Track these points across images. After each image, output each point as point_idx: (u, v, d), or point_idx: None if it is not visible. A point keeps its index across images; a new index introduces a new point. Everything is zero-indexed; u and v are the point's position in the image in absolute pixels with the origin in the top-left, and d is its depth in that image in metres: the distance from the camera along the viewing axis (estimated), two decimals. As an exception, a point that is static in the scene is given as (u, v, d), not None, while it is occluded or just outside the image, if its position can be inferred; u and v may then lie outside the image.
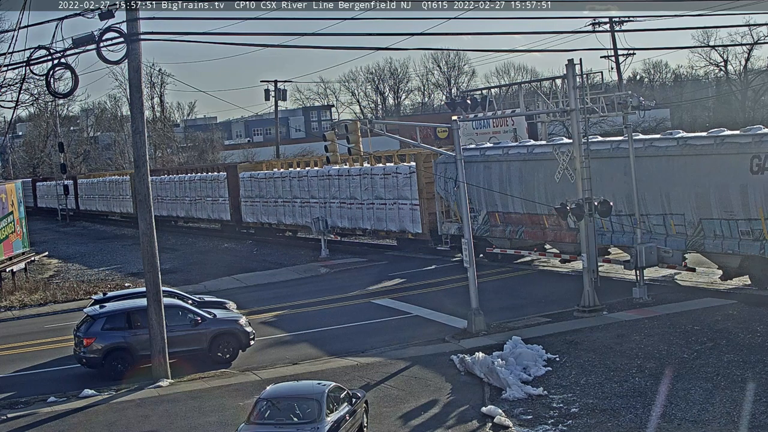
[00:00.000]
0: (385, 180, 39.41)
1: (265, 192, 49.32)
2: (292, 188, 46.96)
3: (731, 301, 24.61)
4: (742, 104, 75.40)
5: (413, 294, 30.63)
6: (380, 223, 40.40)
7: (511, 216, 33.34)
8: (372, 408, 17.53)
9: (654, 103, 48.04)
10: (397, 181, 38.86)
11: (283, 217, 48.27)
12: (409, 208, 38.27)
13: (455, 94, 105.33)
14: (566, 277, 31.02)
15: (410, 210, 38.21)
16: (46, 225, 77.70)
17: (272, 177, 48.93)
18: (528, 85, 47.61)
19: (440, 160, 35.84)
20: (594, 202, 24.48)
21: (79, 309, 28.67)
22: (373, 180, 40.24)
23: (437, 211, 36.94)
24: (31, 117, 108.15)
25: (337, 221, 43.03)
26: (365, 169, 41.10)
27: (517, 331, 23.21)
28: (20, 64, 21.94)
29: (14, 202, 40.58)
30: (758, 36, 71.26)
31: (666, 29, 71.67)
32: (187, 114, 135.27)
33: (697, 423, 15.79)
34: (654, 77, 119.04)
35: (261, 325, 26.93)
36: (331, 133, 26.77)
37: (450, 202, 35.99)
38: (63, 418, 18.93)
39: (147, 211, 21.82)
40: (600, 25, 56.52)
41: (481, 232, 34.54)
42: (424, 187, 37.55)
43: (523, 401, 17.89)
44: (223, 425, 17.56)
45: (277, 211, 48.52)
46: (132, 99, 21.91)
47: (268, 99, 70.28)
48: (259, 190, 49.99)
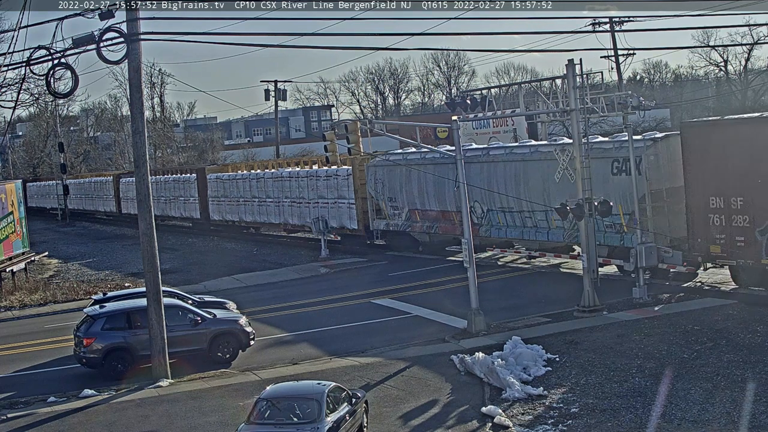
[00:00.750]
0: (327, 181, 43.17)
1: (229, 192, 52.94)
2: (251, 189, 50.46)
3: (731, 301, 24.62)
4: (742, 104, 75.34)
5: (413, 294, 30.63)
6: None
7: (428, 213, 37.30)
8: (372, 408, 17.53)
9: (654, 103, 47.99)
10: (337, 183, 42.58)
11: (245, 215, 51.81)
12: (347, 206, 41.93)
13: (455, 94, 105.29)
14: (566, 277, 31.02)
15: (348, 208, 41.89)
16: (45, 225, 77.72)
17: (235, 179, 52.64)
18: (528, 85, 47.59)
19: (371, 164, 40.00)
20: (594, 201, 24.48)
21: (79, 309, 28.66)
22: (318, 181, 44.01)
23: (369, 209, 40.66)
24: (31, 117, 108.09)
25: (289, 219, 47.02)
26: (311, 172, 45.30)
27: (517, 331, 23.21)
28: (20, 64, 21.96)
29: (14, 202, 40.58)
30: (758, 36, 71.29)
31: (666, 29, 71.71)
32: (187, 114, 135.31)
33: (697, 423, 15.79)
34: (654, 77, 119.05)
35: (261, 325, 26.92)
36: (330, 133, 26.75)
37: (379, 202, 40.02)
38: (63, 418, 18.93)
39: (147, 211, 21.82)
40: (600, 25, 56.50)
41: (404, 227, 39.02)
42: (359, 188, 41.18)
43: (523, 401, 17.89)
44: (223, 425, 17.57)
45: (239, 209, 52.08)
46: (132, 99, 21.91)
47: (268, 99, 70.32)
48: (224, 190, 53.56)
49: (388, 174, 39.30)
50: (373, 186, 40.27)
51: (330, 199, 43.05)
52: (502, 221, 33.63)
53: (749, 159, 24.42)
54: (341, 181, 42.24)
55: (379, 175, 39.65)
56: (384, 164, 39.29)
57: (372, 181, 40.26)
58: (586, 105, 28.25)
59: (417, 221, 38.11)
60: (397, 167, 38.33)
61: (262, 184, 49.34)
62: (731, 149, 24.99)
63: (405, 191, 38.25)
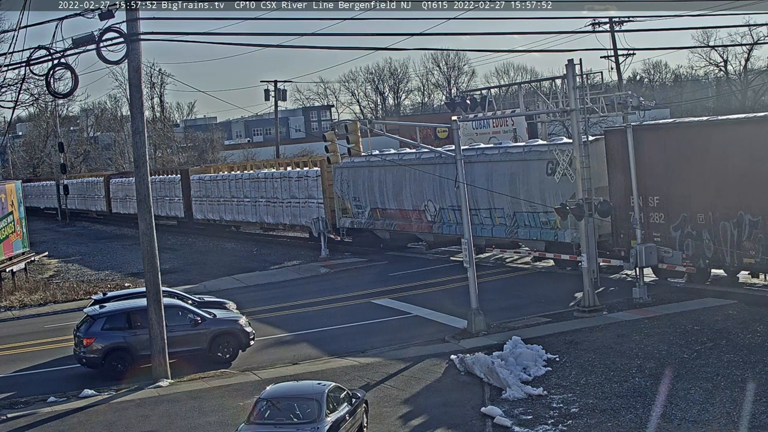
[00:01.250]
0: (299, 182, 45.95)
1: (211, 192, 55.45)
2: (230, 189, 52.96)
3: (731, 301, 24.61)
4: (742, 104, 75.35)
5: (413, 294, 30.63)
6: (296, 218, 46.71)
7: (388, 211, 39.90)
8: (372, 408, 17.54)
9: (654, 103, 47.94)
10: (307, 183, 45.31)
11: (225, 214, 54.25)
12: (316, 205, 44.55)
13: (455, 94, 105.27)
14: (566, 277, 31.01)
15: (317, 207, 44.45)
16: (45, 225, 77.76)
17: (215, 179, 55.18)
18: (528, 85, 47.60)
19: (337, 166, 42.08)
20: (594, 201, 24.49)
21: (79, 309, 28.68)
22: (290, 182, 46.64)
23: (336, 208, 43.24)
24: (31, 117, 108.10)
25: (264, 217, 49.67)
26: (284, 173, 47.59)
27: (517, 331, 23.21)
28: (20, 64, 21.93)
29: (14, 202, 40.61)
30: (758, 36, 71.31)
31: (666, 29, 71.76)
32: (187, 114, 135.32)
33: (697, 423, 15.79)
34: (654, 77, 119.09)
35: (261, 325, 26.93)
36: (330, 133, 26.85)
37: (345, 201, 42.57)
38: (63, 418, 18.93)
39: (147, 211, 21.83)
40: (600, 25, 56.38)
41: (367, 225, 41.46)
42: (327, 188, 43.70)
43: (523, 401, 17.89)
44: (223, 425, 17.57)
45: (220, 209, 54.61)
46: (132, 99, 21.90)
47: (268, 99, 70.26)
48: (206, 190, 56.08)
49: (353, 175, 41.78)
50: (339, 186, 42.70)
51: (301, 198, 45.62)
52: (453, 219, 35.76)
53: (665, 160, 26.84)
54: (311, 182, 44.78)
55: (344, 176, 42.19)
56: (349, 166, 41.65)
57: (338, 181, 42.70)
58: (586, 105, 28.25)
59: (378, 219, 40.63)
60: (362, 169, 40.95)
61: (240, 184, 51.79)
62: (648, 152, 27.22)
63: (368, 191, 40.72)
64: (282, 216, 47.51)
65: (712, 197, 25.49)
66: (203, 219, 56.99)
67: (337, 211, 43.09)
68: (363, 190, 41.10)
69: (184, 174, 58.75)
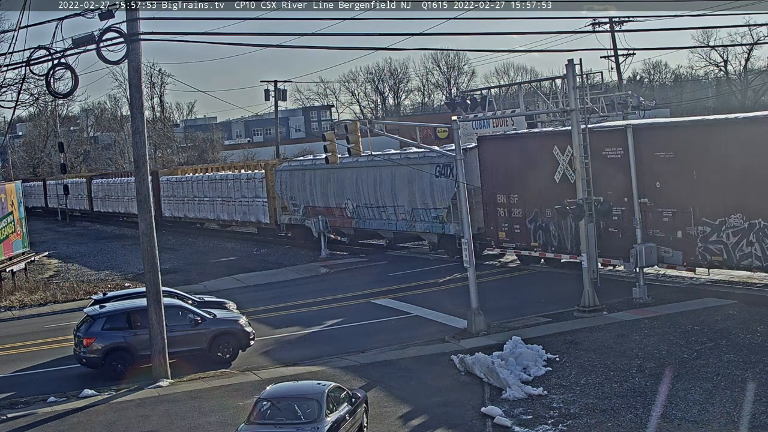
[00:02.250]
0: (248, 183, 51.28)
1: (177, 192, 61.19)
2: (193, 189, 58.44)
3: (731, 301, 24.62)
4: (742, 104, 75.35)
5: (413, 294, 30.63)
6: (246, 215, 51.93)
7: (317, 209, 44.66)
8: (372, 408, 17.54)
9: (654, 103, 47.96)
10: (254, 184, 50.55)
11: (188, 212, 59.80)
12: (262, 204, 49.78)
13: (455, 94, 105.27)
14: (566, 277, 30.99)
15: (262, 206, 49.74)
16: (45, 225, 77.80)
17: (181, 181, 60.81)
18: (528, 85, 47.49)
19: (278, 169, 48.47)
20: (593, 201, 24.49)
21: (79, 309, 28.67)
22: (241, 183, 52.07)
23: (277, 206, 48.53)
24: (31, 117, 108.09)
25: (220, 215, 55.16)
26: (237, 175, 53.31)
27: (517, 331, 23.20)
28: (20, 64, 21.94)
29: (14, 202, 40.59)
30: (758, 36, 71.29)
31: (666, 29, 71.68)
32: (187, 114, 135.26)
33: (697, 423, 15.79)
34: (654, 77, 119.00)
35: (261, 325, 26.93)
36: (330, 133, 26.71)
37: (284, 200, 47.75)
38: (63, 418, 18.93)
39: (147, 211, 21.81)
40: (600, 25, 56.37)
41: (301, 221, 46.15)
42: (270, 188, 48.84)
43: (523, 401, 17.90)
44: (223, 425, 17.57)
45: (185, 207, 60.21)
46: (132, 99, 21.90)
47: (268, 99, 70.21)
48: (173, 191, 61.76)
49: (289, 178, 47.44)
50: (279, 187, 48.02)
51: (250, 198, 50.98)
52: (367, 215, 41.43)
53: (523, 164, 32.22)
54: (257, 183, 50.12)
55: (283, 179, 47.85)
56: (287, 169, 48.04)
57: (278, 183, 48.12)
58: (586, 105, 28.27)
59: (310, 216, 45.01)
60: (296, 172, 46.98)
61: (201, 185, 57.26)
62: (510, 156, 33.04)
63: (301, 191, 46.24)
64: (234, 213, 53.13)
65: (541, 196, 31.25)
66: (171, 216, 62.38)
67: (278, 209, 48.47)
68: (298, 191, 46.47)
69: (155, 175, 62.91)
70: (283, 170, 48.00)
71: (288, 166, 48.15)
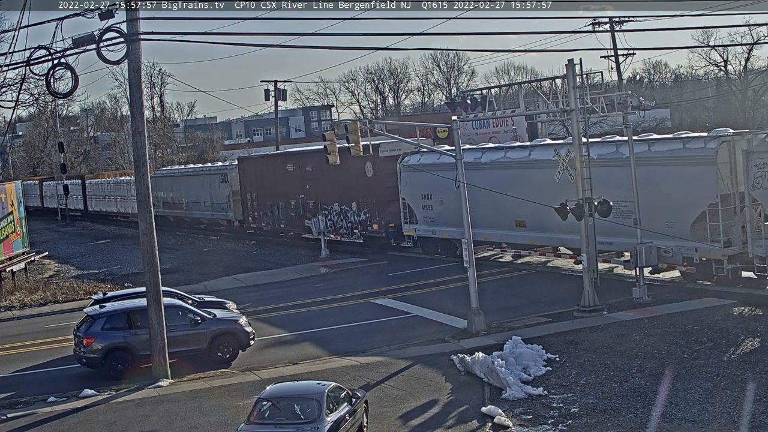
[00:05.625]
0: (130, 186, 62.98)
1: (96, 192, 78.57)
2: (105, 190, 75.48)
3: (731, 301, 24.63)
4: (742, 104, 75.25)
5: (413, 294, 30.63)
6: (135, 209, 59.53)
7: (173, 204, 57.46)
8: (372, 408, 17.53)
9: (654, 103, 47.86)
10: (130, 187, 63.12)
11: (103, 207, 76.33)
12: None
13: (455, 94, 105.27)
14: (566, 277, 31.03)
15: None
16: (45, 225, 77.81)
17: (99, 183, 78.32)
18: (528, 85, 47.38)
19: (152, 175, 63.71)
20: (595, 201, 24.49)
21: (79, 309, 28.67)
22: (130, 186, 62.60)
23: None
24: (31, 117, 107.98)
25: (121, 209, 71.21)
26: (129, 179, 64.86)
27: (517, 331, 23.21)
28: (20, 64, 21.96)
29: (14, 202, 40.58)
30: (758, 36, 71.06)
31: (666, 29, 71.60)
32: (187, 114, 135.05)
33: (697, 423, 15.80)
34: (654, 77, 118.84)
35: (261, 325, 26.93)
36: (330, 133, 26.68)
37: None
38: (63, 418, 18.93)
39: (147, 211, 21.81)
40: (600, 25, 56.31)
41: (163, 213, 57.58)
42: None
43: (523, 401, 17.90)
44: (223, 425, 17.57)
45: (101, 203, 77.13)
46: (132, 99, 21.90)
47: (268, 99, 70.19)
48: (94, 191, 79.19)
49: (161, 181, 61.25)
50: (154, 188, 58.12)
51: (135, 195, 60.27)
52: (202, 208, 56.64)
53: (261, 175, 49.41)
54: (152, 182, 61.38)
55: (158, 182, 59.81)
56: (158, 176, 60.74)
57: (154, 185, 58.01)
58: (586, 105, 28.22)
59: (168, 209, 57.73)
60: (163, 179, 60.70)
61: (109, 187, 74.25)
62: (255, 171, 50.54)
63: (171, 191, 60.77)
64: (127, 207, 67.62)
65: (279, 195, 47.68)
66: (93, 210, 79.68)
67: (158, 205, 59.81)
68: (170, 190, 60.47)
69: (83, 179, 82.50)
70: (157, 177, 62.29)
71: (161, 173, 65.76)
